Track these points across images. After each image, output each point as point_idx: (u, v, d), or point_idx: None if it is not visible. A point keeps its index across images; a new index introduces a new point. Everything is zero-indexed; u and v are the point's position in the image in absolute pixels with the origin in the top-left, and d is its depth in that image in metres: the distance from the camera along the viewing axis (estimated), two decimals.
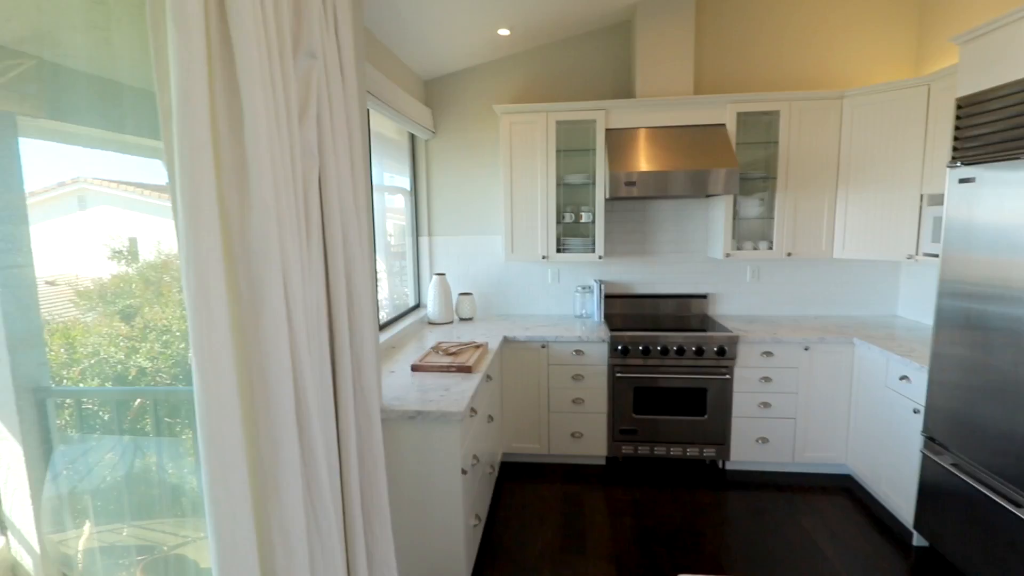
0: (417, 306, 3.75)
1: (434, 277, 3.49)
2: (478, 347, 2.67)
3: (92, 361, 1.38)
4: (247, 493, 0.93)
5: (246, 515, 0.93)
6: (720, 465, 3.19)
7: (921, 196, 2.79)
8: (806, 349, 2.95)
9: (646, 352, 3.04)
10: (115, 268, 1.31)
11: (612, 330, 3.11)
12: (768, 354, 2.99)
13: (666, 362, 3.04)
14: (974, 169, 2.07)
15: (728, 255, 3.24)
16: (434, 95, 3.62)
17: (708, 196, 3.37)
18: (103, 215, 1.31)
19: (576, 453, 3.22)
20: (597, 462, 3.27)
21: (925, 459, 2.29)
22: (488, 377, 2.64)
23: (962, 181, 2.13)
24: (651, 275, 3.64)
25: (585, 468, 3.23)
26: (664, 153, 3.07)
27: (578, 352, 3.11)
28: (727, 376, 3.01)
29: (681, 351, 3.01)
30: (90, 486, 1.36)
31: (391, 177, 3.59)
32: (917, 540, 2.44)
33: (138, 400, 1.50)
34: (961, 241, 2.14)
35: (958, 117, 2.18)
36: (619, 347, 3.05)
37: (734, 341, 2.98)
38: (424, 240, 3.74)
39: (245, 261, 0.94)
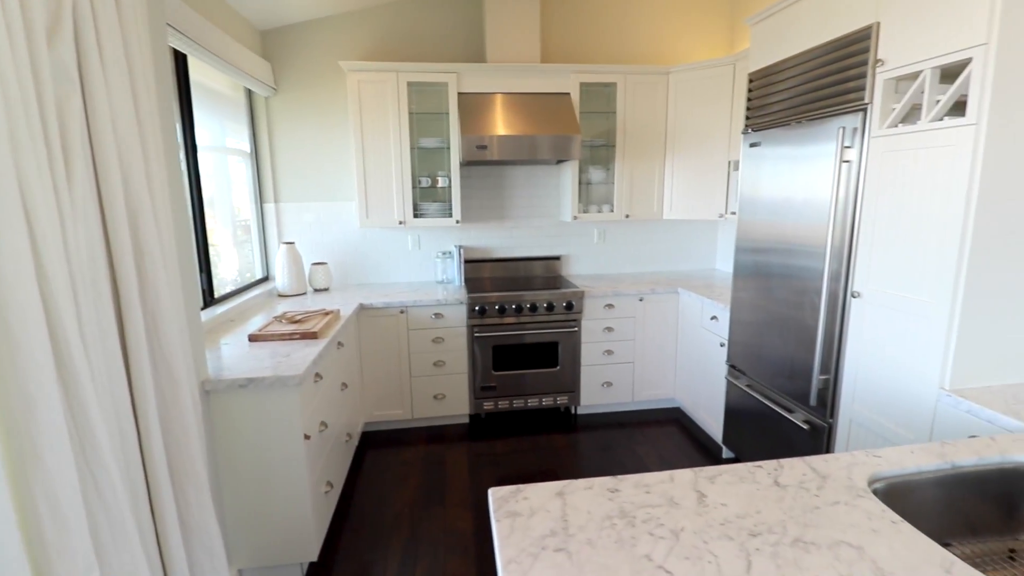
0: (265, 278, 3.49)
1: (282, 246, 3.26)
2: (327, 314, 2.57)
3: None
4: None
5: None
6: (572, 411, 3.46)
7: (729, 162, 3.20)
8: (640, 300, 3.28)
9: (502, 311, 3.16)
10: None
11: (470, 292, 3.18)
12: (610, 306, 3.27)
13: (521, 319, 3.19)
14: (760, 135, 2.42)
15: (575, 217, 3.45)
16: (274, 48, 3.32)
17: (559, 162, 3.55)
18: None
19: (440, 415, 3.27)
20: (461, 421, 3.36)
21: (728, 384, 2.69)
22: (340, 344, 2.56)
23: (752, 146, 2.48)
24: (509, 239, 3.76)
25: (449, 428, 3.31)
26: (514, 118, 3.16)
27: (437, 315, 3.14)
28: (575, 329, 3.24)
29: (534, 308, 3.18)
30: None
31: (238, 141, 3.27)
32: (726, 453, 2.87)
33: None
34: (750, 203, 2.50)
35: (750, 90, 2.53)
36: (477, 308, 3.13)
37: (580, 296, 3.21)
38: (270, 207, 3.47)
39: None
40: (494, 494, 1.06)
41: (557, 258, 3.78)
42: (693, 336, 3.16)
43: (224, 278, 3.02)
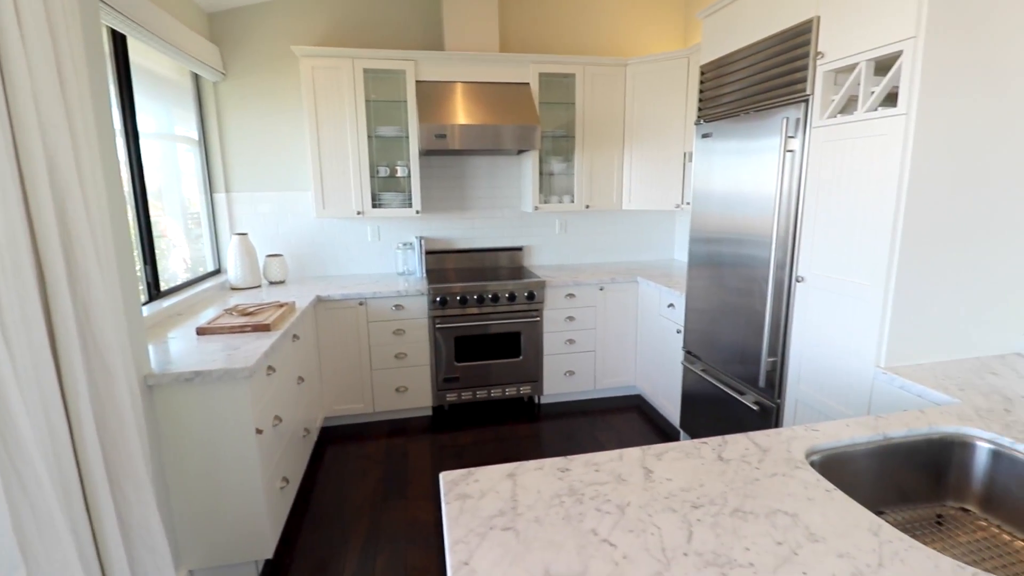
0: (217, 271, 3.37)
1: (234, 237, 3.15)
2: (281, 306, 2.50)
3: None
4: None
5: None
6: (536, 400, 3.49)
7: (684, 154, 3.27)
8: (601, 289, 3.33)
9: (464, 302, 3.14)
10: None
11: (431, 283, 3.15)
12: (571, 296, 3.30)
13: (483, 310, 3.19)
14: (712, 126, 2.48)
15: (536, 208, 3.47)
16: (222, 31, 3.19)
17: (520, 153, 3.55)
18: None
19: (402, 407, 3.24)
20: (424, 413, 3.34)
21: (685, 369, 2.76)
22: (295, 336, 2.50)
23: (704, 136, 2.54)
24: (471, 230, 3.74)
25: (412, 421, 3.28)
26: (472, 107, 3.14)
27: (398, 307, 3.10)
28: (537, 318, 3.26)
29: (496, 298, 3.18)
30: None
31: (187, 129, 3.14)
32: (683, 437, 2.95)
33: None
34: (703, 193, 2.55)
35: (702, 82, 2.58)
36: (438, 299, 3.11)
37: (542, 286, 3.23)
38: (220, 197, 3.34)
39: None
40: (445, 478, 1.06)
41: (519, 249, 3.79)
42: (652, 324, 3.22)
43: (175, 271, 2.90)
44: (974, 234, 1.64)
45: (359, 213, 3.22)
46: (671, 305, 2.96)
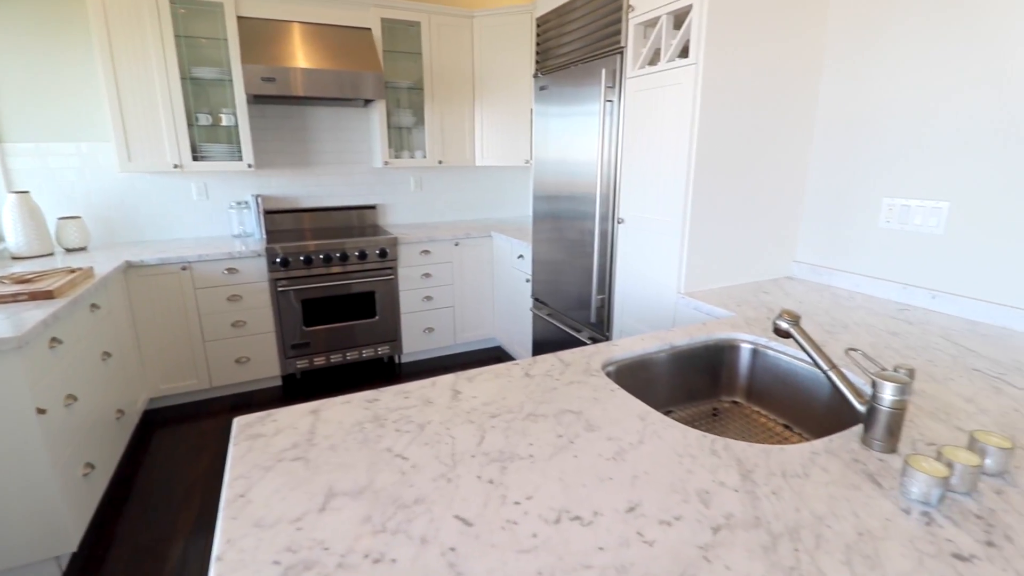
0: None
1: (10, 196, 2.61)
2: (73, 271, 2.14)
3: None
4: None
5: None
6: (396, 360, 3.44)
7: (531, 109, 3.34)
8: (456, 245, 3.34)
9: (309, 262, 2.96)
10: None
11: (271, 244, 2.91)
12: (426, 252, 3.27)
13: (332, 270, 3.03)
14: (548, 78, 2.55)
15: (387, 163, 3.34)
16: None
17: (367, 104, 3.37)
18: None
19: (245, 380, 3.00)
20: (272, 384, 3.13)
21: (534, 316, 2.90)
22: (94, 306, 2.16)
23: (541, 89, 2.61)
24: (318, 188, 3.51)
25: (259, 393, 3.06)
26: (307, 51, 2.89)
27: (231, 271, 2.82)
28: (392, 277, 3.18)
29: (345, 257, 3.03)
30: None
31: None
32: None
33: None
34: (541, 150, 2.63)
35: (538, 35, 2.63)
36: (278, 259, 2.88)
37: (394, 243, 3.15)
38: None
39: None
40: (238, 422, 0.99)
41: (373, 207, 3.64)
42: (506, 276, 3.32)
43: None
44: (752, 173, 1.89)
45: (176, 167, 2.84)
46: (521, 256, 3.07)
